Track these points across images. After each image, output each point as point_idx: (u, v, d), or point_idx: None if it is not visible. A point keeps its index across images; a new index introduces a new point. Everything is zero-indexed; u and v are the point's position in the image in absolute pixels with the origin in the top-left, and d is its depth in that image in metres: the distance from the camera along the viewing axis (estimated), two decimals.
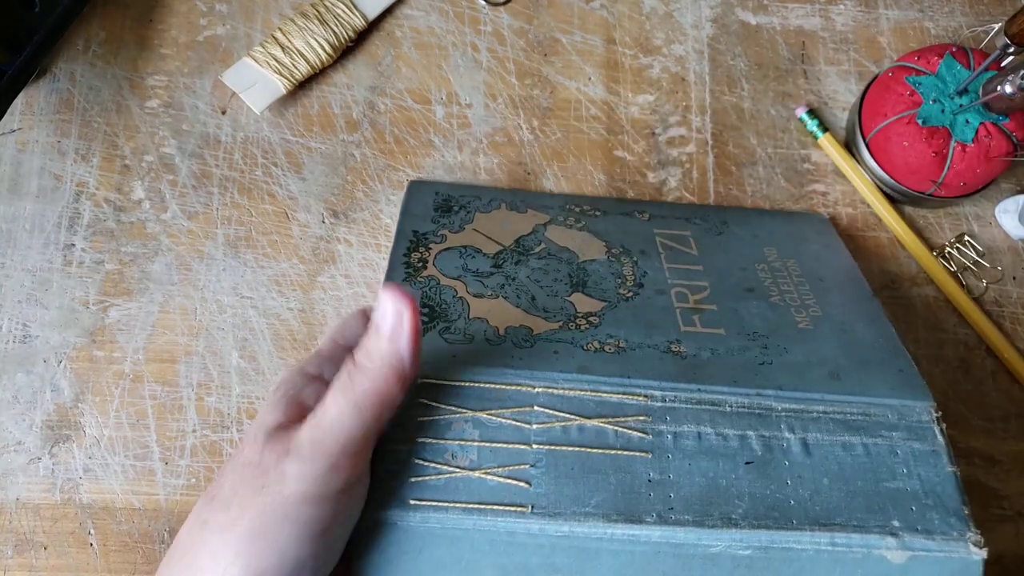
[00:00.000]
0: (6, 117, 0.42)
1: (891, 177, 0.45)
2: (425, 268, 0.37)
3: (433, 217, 0.41)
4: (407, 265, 0.37)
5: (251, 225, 0.44)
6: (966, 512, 0.30)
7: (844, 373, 0.33)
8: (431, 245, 0.39)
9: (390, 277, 0.36)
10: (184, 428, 0.40)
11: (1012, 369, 0.44)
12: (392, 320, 0.28)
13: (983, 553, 0.29)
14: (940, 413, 0.32)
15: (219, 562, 0.25)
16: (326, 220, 0.44)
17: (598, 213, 0.43)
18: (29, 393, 0.40)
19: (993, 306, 0.46)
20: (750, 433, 0.31)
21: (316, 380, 0.30)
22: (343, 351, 0.32)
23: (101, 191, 0.44)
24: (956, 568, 0.29)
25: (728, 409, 0.31)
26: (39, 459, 0.40)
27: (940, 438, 0.31)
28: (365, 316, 0.33)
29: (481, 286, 0.36)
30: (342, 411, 0.27)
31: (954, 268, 0.46)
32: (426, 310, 0.34)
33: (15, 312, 0.42)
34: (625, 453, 0.30)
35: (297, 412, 0.29)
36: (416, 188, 0.43)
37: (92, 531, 0.39)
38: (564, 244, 0.40)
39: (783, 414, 0.31)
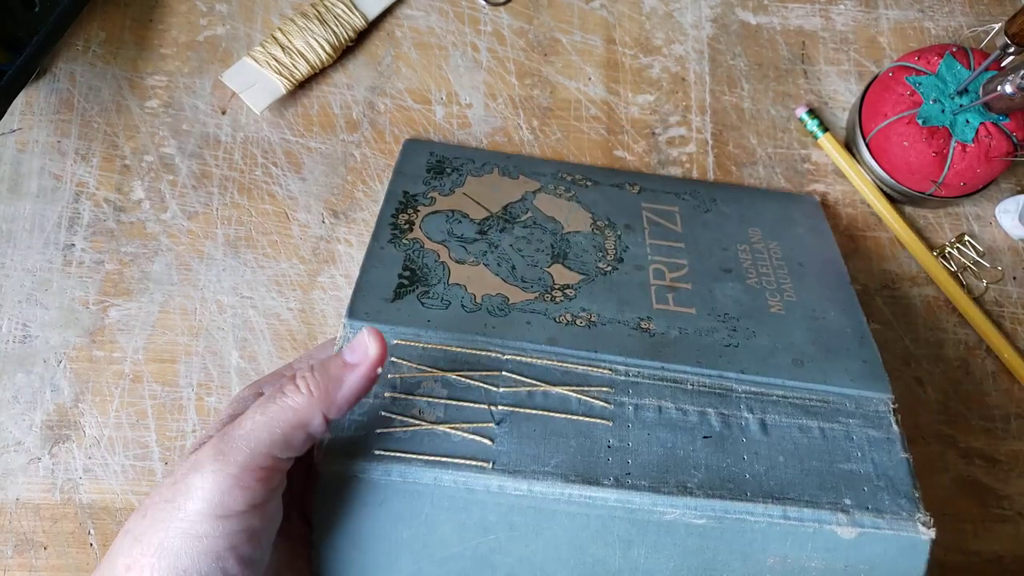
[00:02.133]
0: (6, 117, 0.42)
1: (891, 177, 0.45)
2: (411, 230, 0.37)
3: (425, 179, 0.41)
4: (393, 227, 0.38)
5: (251, 225, 0.44)
6: (917, 495, 0.31)
7: (808, 360, 0.34)
8: (419, 207, 0.39)
9: (376, 236, 0.37)
10: (184, 428, 0.40)
11: (1012, 369, 0.44)
12: (357, 351, 0.28)
13: (931, 533, 0.29)
14: (896, 406, 0.33)
15: (131, 574, 0.25)
16: (326, 220, 0.44)
17: (589, 183, 0.43)
18: (29, 393, 0.40)
19: (993, 306, 0.46)
20: (710, 410, 0.32)
21: None
22: None
23: (101, 191, 0.44)
24: (904, 546, 0.29)
25: (689, 387, 0.32)
26: (39, 459, 0.40)
27: (895, 427, 0.32)
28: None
29: (464, 252, 0.37)
30: (255, 425, 0.26)
31: (954, 268, 0.46)
32: (407, 273, 0.35)
33: (15, 312, 0.42)
34: (587, 419, 0.31)
35: None
36: (411, 147, 0.43)
37: (92, 531, 0.39)
38: (551, 214, 0.40)
39: (743, 395, 0.32)
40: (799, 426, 0.32)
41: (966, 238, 0.47)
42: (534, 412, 0.31)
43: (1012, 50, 0.41)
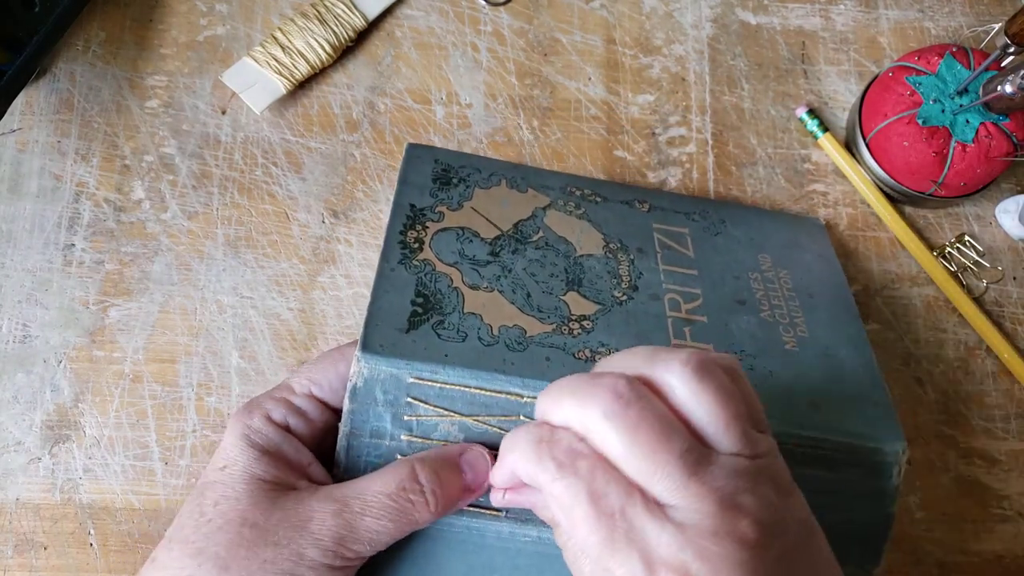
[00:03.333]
0: (6, 117, 0.42)
1: (891, 177, 0.45)
2: (421, 250, 0.36)
3: (431, 190, 0.40)
4: (403, 245, 0.36)
5: (251, 225, 0.44)
6: (884, 548, 0.33)
7: (824, 404, 0.34)
8: (428, 223, 0.38)
9: (386, 256, 0.35)
10: (184, 428, 0.40)
11: (1012, 369, 0.44)
12: (479, 479, 0.29)
13: None
14: (908, 454, 0.33)
15: None
16: (326, 220, 0.44)
17: (599, 199, 0.42)
18: (29, 393, 0.40)
19: (993, 306, 0.46)
20: None
21: (288, 433, 0.30)
22: (315, 406, 0.32)
23: (101, 191, 0.44)
24: None
25: None
26: (39, 459, 0.40)
27: (895, 480, 0.33)
28: (344, 362, 0.32)
29: (477, 276, 0.36)
30: (381, 529, 0.28)
31: (954, 268, 0.46)
32: (420, 300, 0.34)
33: (15, 312, 0.42)
34: None
35: (280, 468, 0.29)
36: (415, 153, 0.42)
37: (92, 531, 0.39)
38: (562, 234, 0.40)
39: None
40: (804, 476, 0.32)
41: (966, 238, 0.47)
42: None
43: (1012, 50, 0.41)
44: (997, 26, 0.42)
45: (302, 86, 0.46)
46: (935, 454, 0.43)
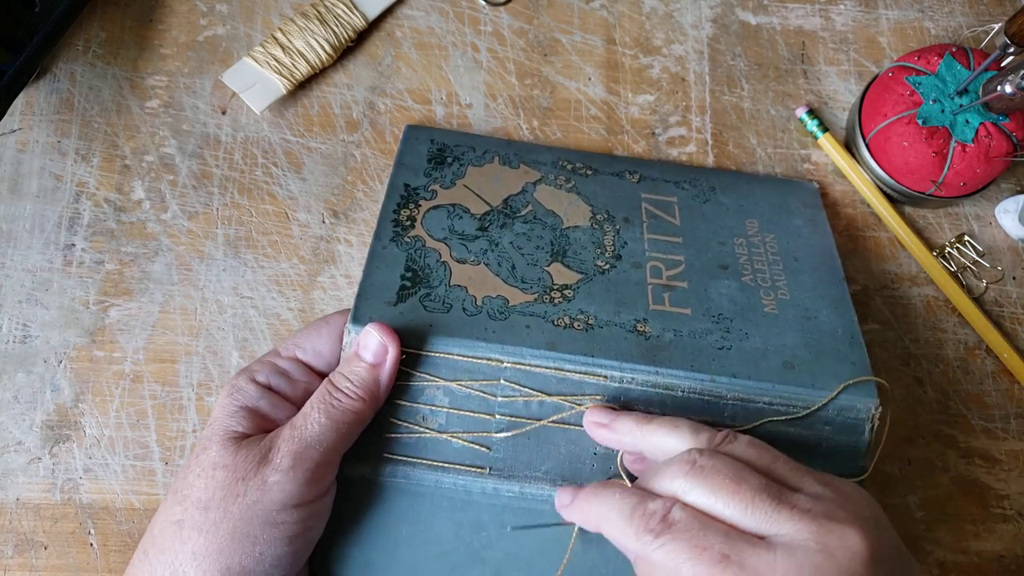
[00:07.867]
0: (6, 117, 0.42)
1: (891, 177, 0.45)
2: (413, 227, 0.38)
3: (426, 170, 0.41)
4: (395, 223, 0.38)
5: (251, 225, 0.44)
6: None
7: (799, 363, 0.35)
8: (421, 202, 0.39)
9: (378, 235, 0.37)
10: (184, 428, 0.40)
11: (1012, 369, 0.44)
12: (377, 351, 0.32)
13: None
14: (879, 411, 0.34)
15: (200, 560, 0.28)
16: (326, 220, 0.44)
17: (589, 171, 0.43)
18: (29, 393, 0.40)
19: (993, 306, 0.46)
20: (693, 418, 0.33)
21: (269, 391, 0.32)
22: (298, 367, 0.34)
23: (101, 191, 0.44)
24: None
25: (680, 394, 0.34)
26: (39, 459, 0.40)
27: (867, 436, 0.34)
28: (327, 327, 0.35)
29: (465, 251, 0.37)
30: (323, 428, 0.30)
31: (954, 268, 0.46)
32: (409, 274, 0.36)
33: (15, 312, 0.42)
34: (577, 428, 0.33)
35: (258, 422, 0.31)
36: (412, 134, 0.43)
37: (92, 531, 0.39)
38: (550, 207, 0.41)
39: (730, 401, 0.34)
40: (779, 432, 0.34)
41: (966, 238, 0.47)
42: (529, 421, 0.33)
43: (1012, 50, 0.41)
44: (997, 26, 0.42)
45: (302, 86, 0.46)
46: (935, 454, 0.43)
